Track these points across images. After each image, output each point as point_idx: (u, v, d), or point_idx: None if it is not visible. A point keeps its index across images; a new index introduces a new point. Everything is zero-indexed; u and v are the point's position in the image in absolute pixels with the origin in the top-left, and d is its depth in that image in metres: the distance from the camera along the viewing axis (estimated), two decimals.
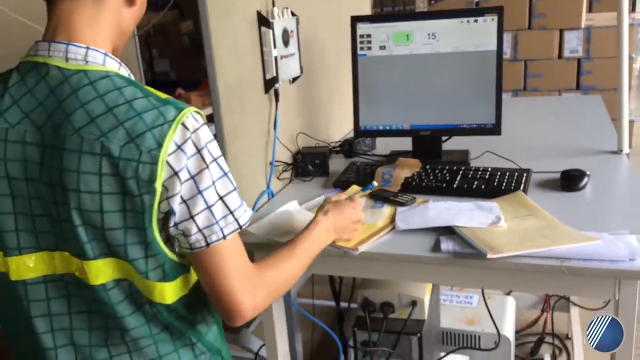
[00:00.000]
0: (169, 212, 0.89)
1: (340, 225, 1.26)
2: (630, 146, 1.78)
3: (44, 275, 0.95)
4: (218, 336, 1.10)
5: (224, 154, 1.44)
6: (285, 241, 1.17)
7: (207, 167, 0.89)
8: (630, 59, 3.89)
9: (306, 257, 1.14)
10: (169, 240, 0.94)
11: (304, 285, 1.91)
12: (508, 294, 2.40)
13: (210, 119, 1.46)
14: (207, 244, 0.91)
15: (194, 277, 1.00)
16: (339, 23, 2.12)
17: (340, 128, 2.20)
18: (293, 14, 1.72)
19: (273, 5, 1.62)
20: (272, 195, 1.67)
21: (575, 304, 2.58)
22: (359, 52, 1.78)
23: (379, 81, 1.79)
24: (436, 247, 1.27)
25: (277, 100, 1.66)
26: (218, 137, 1.42)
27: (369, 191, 1.42)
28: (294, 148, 1.81)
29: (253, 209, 1.57)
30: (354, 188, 1.62)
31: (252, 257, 1.44)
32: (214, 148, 0.91)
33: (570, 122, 2.23)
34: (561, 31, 3.91)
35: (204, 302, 1.04)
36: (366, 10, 2.55)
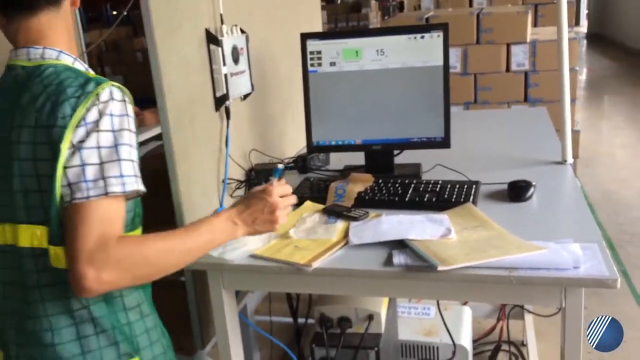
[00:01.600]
0: None
1: (250, 217, 1.19)
2: (577, 156, 1.85)
3: None
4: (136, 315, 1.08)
5: (174, 171, 1.42)
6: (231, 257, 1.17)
7: (98, 131, 0.95)
8: (574, 71, 4.04)
9: (190, 244, 1.07)
10: None
11: (261, 302, 1.89)
12: (464, 304, 2.44)
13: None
14: (71, 200, 0.93)
15: None
16: (290, 40, 2.14)
17: (294, 144, 2.20)
18: (242, 32, 1.72)
19: (222, 22, 1.61)
20: None
21: (529, 312, 2.64)
22: (310, 68, 1.79)
23: (330, 97, 1.80)
24: (389, 261, 1.28)
25: (228, 117, 1.65)
26: (167, 155, 1.41)
27: (278, 177, 1.38)
28: (247, 165, 1.80)
29: None
30: (308, 204, 1.62)
31: (204, 279, 1.42)
32: (118, 121, 0.97)
33: (517, 134, 2.29)
34: (508, 45, 4.03)
35: None
36: (318, 26, 2.57)
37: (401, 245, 1.34)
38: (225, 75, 1.61)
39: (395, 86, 1.77)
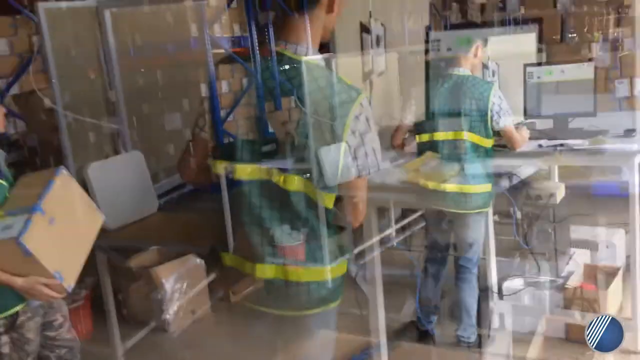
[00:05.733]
0: None
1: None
2: None
3: (249, 180, 1.48)
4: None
5: None
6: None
7: (370, 130, 1.42)
8: None
9: None
10: None
11: None
12: None
13: None
14: (359, 175, 1.44)
15: None
16: (409, 31, 2.65)
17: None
18: (382, 25, 2.25)
19: (370, 16, 2.15)
20: None
21: None
22: None
23: None
24: None
25: (371, 88, 2.18)
26: None
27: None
28: None
29: None
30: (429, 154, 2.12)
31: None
32: (372, 120, 1.43)
33: None
34: None
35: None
36: (425, 20, 3.07)
37: None
38: (372, 56, 2.14)
39: None
